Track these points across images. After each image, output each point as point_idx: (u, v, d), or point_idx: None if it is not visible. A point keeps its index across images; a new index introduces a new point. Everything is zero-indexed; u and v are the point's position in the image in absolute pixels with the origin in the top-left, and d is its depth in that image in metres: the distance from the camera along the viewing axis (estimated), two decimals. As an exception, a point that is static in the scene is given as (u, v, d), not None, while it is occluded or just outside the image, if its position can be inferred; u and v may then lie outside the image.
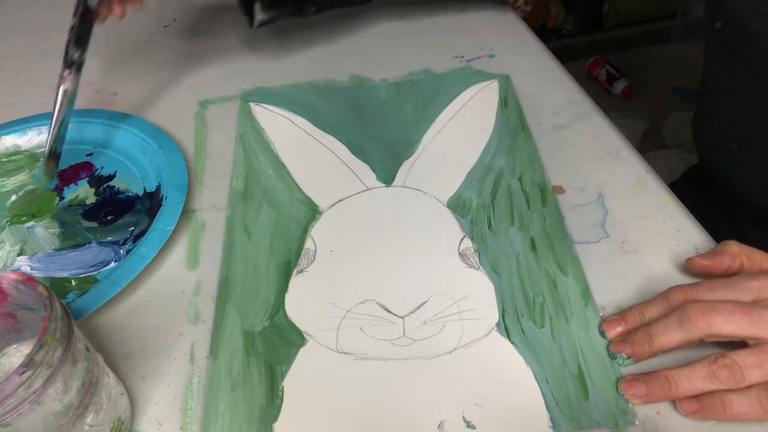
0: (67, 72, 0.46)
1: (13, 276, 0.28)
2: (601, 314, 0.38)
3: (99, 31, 0.66)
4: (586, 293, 0.38)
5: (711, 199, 0.54)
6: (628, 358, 0.34)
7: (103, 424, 0.30)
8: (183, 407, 0.34)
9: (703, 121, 0.58)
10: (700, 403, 0.32)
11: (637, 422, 0.32)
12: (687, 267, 0.39)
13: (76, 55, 0.46)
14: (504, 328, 0.37)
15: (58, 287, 0.41)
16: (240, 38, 0.64)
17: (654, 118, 1.53)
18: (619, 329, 0.36)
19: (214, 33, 0.65)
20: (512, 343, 0.36)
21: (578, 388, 0.34)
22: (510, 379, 0.35)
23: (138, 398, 0.35)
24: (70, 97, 0.46)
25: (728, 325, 0.32)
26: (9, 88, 0.59)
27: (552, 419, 0.33)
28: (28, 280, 0.28)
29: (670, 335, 0.33)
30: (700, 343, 0.34)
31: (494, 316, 0.38)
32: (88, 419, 0.29)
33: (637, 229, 0.42)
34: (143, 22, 0.67)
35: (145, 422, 0.34)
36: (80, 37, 0.46)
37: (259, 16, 0.53)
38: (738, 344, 0.33)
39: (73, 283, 0.41)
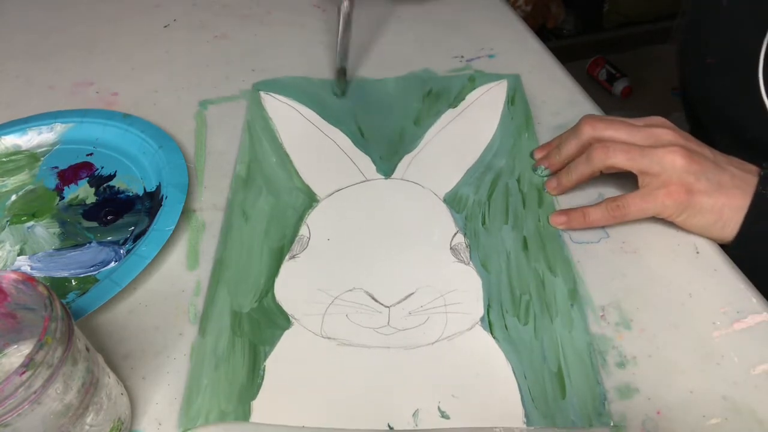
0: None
1: (13, 276, 0.28)
2: (600, 314, 0.38)
3: (99, 31, 0.66)
4: (574, 294, 0.39)
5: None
6: (545, 168, 0.46)
7: (103, 424, 0.30)
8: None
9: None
10: (567, 216, 0.42)
11: (612, 423, 0.33)
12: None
13: None
14: (488, 323, 0.37)
15: (58, 287, 0.41)
16: (240, 38, 0.64)
17: (654, 118, 1.53)
18: (545, 152, 0.47)
19: (214, 33, 0.65)
20: (494, 338, 0.37)
21: (556, 386, 0.34)
22: (489, 373, 0.35)
23: (138, 398, 0.35)
24: (347, 18, 0.53)
25: (620, 155, 0.40)
26: (9, 88, 0.59)
27: (526, 415, 0.33)
28: (28, 279, 0.28)
29: (570, 148, 0.44)
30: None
31: (479, 310, 0.38)
32: (88, 419, 0.29)
33: (637, 229, 0.42)
34: (143, 22, 0.67)
35: (145, 422, 0.34)
36: None
37: None
38: None
39: (73, 283, 0.41)
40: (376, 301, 0.38)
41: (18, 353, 0.31)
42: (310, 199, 0.45)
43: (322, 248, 0.42)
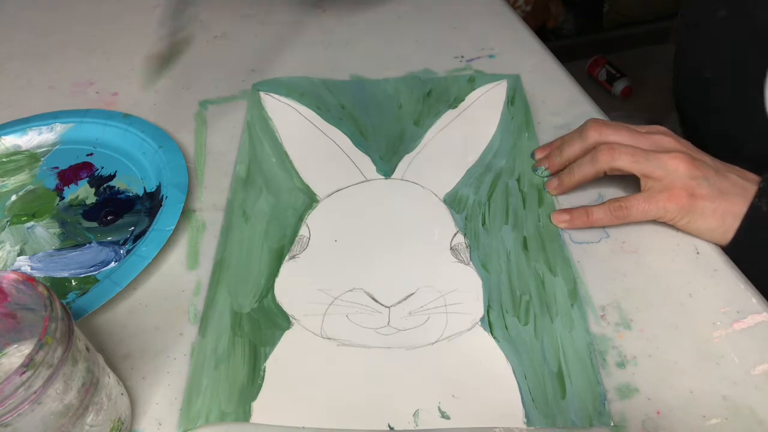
0: None
1: (13, 276, 0.28)
2: (600, 314, 0.38)
3: (99, 31, 0.66)
4: (574, 294, 0.38)
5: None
6: (546, 169, 0.46)
7: (103, 424, 0.30)
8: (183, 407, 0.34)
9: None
10: (570, 214, 0.42)
11: (612, 423, 0.33)
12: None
13: None
14: (488, 323, 0.37)
15: (58, 287, 0.41)
16: (240, 39, 0.64)
17: (654, 118, 1.53)
18: (545, 152, 0.47)
19: (214, 33, 0.64)
20: (494, 338, 0.37)
21: (556, 386, 0.34)
22: (489, 373, 0.35)
23: (138, 398, 0.35)
24: None
25: (625, 157, 0.41)
26: (9, 88, 0.59)
27: (527, 415, 0.33)
28: (29, 280, 0.28)
29: (573, 150, 0.44)
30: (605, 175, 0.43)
31: (479, 311, 0.38)
32: (89, 419, 0.29)
33: (637, 230, 0.42)
34: (143, 23, 0.67)
35: (145, 422, 0.34)
36: None
37: None
38: None
39: (73, 283, 0.41)
40: (376, 301, 0.38)
41: (18, 353, 0.31)
42: (310, 199, 0.45)
43: (322, 248, 0.42)
